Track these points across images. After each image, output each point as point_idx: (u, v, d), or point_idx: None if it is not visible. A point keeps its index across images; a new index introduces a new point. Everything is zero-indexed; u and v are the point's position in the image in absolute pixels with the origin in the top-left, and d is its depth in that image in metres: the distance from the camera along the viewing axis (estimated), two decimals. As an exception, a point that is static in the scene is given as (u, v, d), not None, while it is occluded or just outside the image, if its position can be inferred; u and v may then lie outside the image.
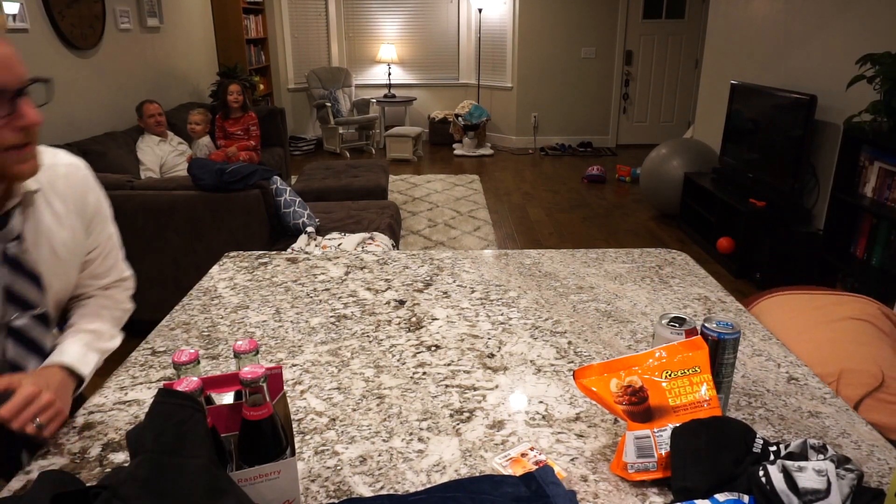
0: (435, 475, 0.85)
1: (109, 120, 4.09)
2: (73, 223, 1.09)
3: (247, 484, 0.70)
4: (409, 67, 7.89)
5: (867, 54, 2.84)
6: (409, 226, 4.68)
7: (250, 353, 0.74)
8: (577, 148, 7.50)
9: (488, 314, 1.33)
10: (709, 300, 1.40)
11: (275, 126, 5.35)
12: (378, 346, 1.20)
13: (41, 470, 0.85)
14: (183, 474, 0.61)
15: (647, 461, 0.81)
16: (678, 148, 4.78)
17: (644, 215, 5.07)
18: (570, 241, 4.44)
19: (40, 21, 3.45)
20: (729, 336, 0.90)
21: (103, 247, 1.17)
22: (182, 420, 0.63)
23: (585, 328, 1.27)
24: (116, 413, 1.00)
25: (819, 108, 3.46)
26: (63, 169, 1.08)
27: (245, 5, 6.37)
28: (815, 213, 3.73)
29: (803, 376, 1.09)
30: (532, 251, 1.69)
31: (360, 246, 2.93)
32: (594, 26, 7.24)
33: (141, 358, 1.17)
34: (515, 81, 7.42)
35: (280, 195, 3.15)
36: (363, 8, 7.69)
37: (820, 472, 0.71)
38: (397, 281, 1.51)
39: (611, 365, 0.89)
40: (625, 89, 7.54)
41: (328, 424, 0.96)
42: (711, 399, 0.85)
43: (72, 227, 1.08)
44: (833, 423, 0.96)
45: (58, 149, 1.11)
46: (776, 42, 4.15)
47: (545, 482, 0.77)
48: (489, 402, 1.01)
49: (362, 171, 4.45)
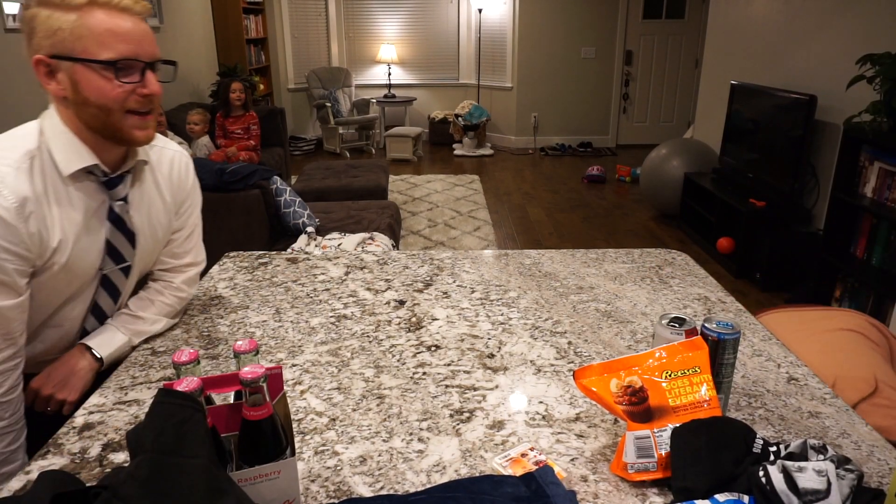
0: (435, 475, 0.85)
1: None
2: (169, 201, 1.23)
3: (247, 484, 0.70)
4: (409, 67, 7.89)
5: (867, 54, 2.84)
6: (409, 226, 4.68)
7: (250, 353, 0.74)
8: (577, 148, 7.50)
9: (488, 314, 1.33)
10: (709, 300, 1.40)
11: (275, 126, 5.35)
12: (378, 347, 1.20)
13: (41, 470, 0.85)
14: (183, 474, 0.61)
15: (647, 461, 0.81)
16: (678, 148, 4.78)
17: (644, 215, 5.07)
18: (570, 241, 4.44)
19: (40, 21, 3.45)
20: (729, 336, 0.90)
21: (188, 229, 1.30)
22: (182, 420, 0.63)
23: (585, 328, 1.27)
24: (116, 413, 1.00)
25: (819, 108, 3.46)
26: (171, 153, 1.24)
27: (245, 5, 6.37)
28: (815, 213, 3.73)
29: (803, 376, 1.09)
30: (532, 251, 1.69)
31: (360, 246, 2.93)
32: (594, 26, 7.24)
33: (141, 358, 1.17)
34: (515, 81, 7.42)
35: (280, 195, 3.15)
36: (363, 8, 7.69)
37: (820, 472, 0.71)
38: (397, 281, 1.51)
39: (611, 365, 0.89)
40: (625, 89, 7.54)
41: (328, 424, 0.96)
42: (711, 399, 0.85)
43: (167, 203, 1.23)
44: (833, 423, 0.96)
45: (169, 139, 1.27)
46: (776, 42, 4.15)
47: (545, 482, 0.77)
48: (489, 403, 1.01)
49: (362, 171, 4.45)
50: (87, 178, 1.05)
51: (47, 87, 0.99)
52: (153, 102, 1.03)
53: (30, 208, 0.97)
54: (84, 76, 0.96)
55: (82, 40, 0.94)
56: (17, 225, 0.95)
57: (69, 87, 0.98)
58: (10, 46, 3.20)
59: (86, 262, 1.09)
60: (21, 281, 1.00)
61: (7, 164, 0.96)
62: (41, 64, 0.97)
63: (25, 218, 0.97)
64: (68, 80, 0.97)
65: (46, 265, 1.03)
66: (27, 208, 0.97)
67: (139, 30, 0.98)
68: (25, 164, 0.98)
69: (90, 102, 0.98)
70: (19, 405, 1.05)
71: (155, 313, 1.23)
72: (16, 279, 0.98)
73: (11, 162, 0.96)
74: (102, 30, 0.94)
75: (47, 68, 0.97)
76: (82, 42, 0.94)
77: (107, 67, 0.96)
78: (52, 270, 1.04)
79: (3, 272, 0.97)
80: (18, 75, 3.26)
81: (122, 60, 0.96)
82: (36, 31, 0.96)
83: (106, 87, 0.97)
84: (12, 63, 3.21)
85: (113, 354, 1.16)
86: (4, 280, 0.97)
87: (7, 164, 0.96)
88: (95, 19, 0.94)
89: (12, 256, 0.97)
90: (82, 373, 1.13)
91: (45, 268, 1.03)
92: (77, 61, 0.95)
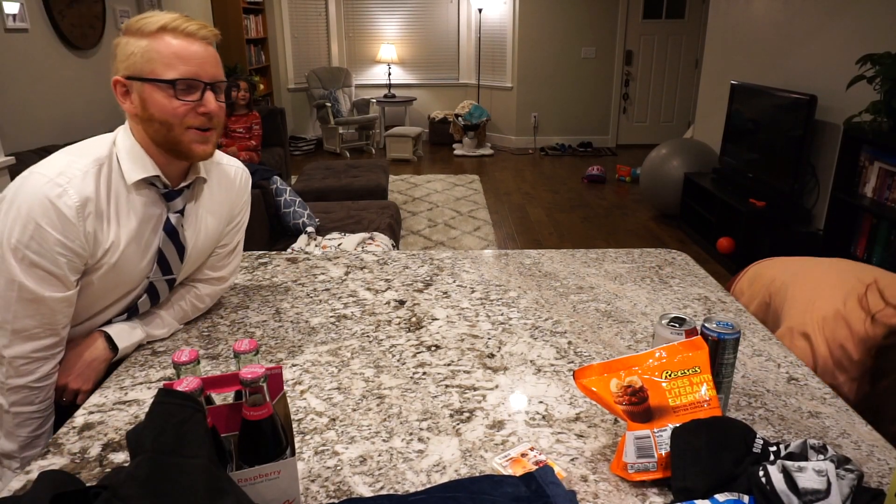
0: (435, 475, 0.85)
1: (109, 120, 4.09)
2: (220, 217, 1.29)
3: (247, 484, 0.70)
4: (409, 67, 7.89)
5: (867, 54, 2.84)
6: (409, 226, 4.68)
7: (250, 353, 0.74)
8: (577, 148, 7.51)
9: (488, 314, 1.33)
10: (709, 300, 1.40)
11: (275, 126, 5.35)
12: (378, 346, 1.20)
13: (41, 470, 0.85)
14: (183, 474, 0.61)
15: (647, 461, 0.81)
16: (678, 148, 4.78)
17: (644, 215, 5.07)
18: (570, 241, 4.44)
19: (40, 21, 3.45)
20: (729, 336, 0.90)
21: (231, 245, 1.35)
22: (182, 420, 0.63)
23: (585, 328, 1.27)
24: (116, 413, 1.00)
25: (819, 108, 3.46)
26: (231, 170, 1.31)
27: (245, 5, 6.38)
28: (815, 213, 3.73)
29: (803, 376, 1.09)
30: (532, 251, 1.69)
31: (360, 246, 2.93)
32: (594, 26, 7.24)
33: (141, 358, 1.17)
34: (515, 81, 7.42)
35: (280, 195, 3.15)
36: (363, 8, 7.69)
37: (820, 472, 0.71)
38: (397, 281, 1.51)
39: (611, 365, 0.89)
40: (625, 89, 7.54)
41: (328, 424, 0.96)
42: (711, 399, 0.85)
43: (218, 219, 1.28)
44: (833, 423, 0.96)
45: (231, 157, 1.35)
46: (776, 42, 4.15)
47: (545, 482, 0.77)
48: (489, 402, 1.01)
49: (362, 171, 4.45)
50: (149, 188, 1.14)
51: (123, 105, 1.09)
52: (212, 121, 1.11)
53: (90, 209, 1.05)
54: (150, 94, 1.06)
55: (151, 62, 1.05)
56: (76, 223, 1.03)
57: (139, 104, 1.08)
58: (11, 46, 3.20)
59: (135, 268, 1.15)
60: (72, 276, 1.07)
61: (77, 168, 1.05)
62: (118, 84, 1.08)
63: (84, 217, 1.04)
64: (139, 98, 1.07)
65: (97, 265, 1.10)
66: (87, 208, 1.05)
67: (202, 53, 1.08)
68: (93, 169, 1.07)
69: (155, 118, 1.07)
70: (50, 392, 1.11)
71: (172, 316, 1.26)
72: (67, 273, 1.05)
73: (81, 166, 1.06)
74: (168, 53, 1.05)
75: (123, 88, 1.08)
76: (151, 64, 1.05)
77: (168, 86, 1.06)
78: (101, 271, 1.11)
79: (56, 265, 1.03)
80: (18, 75, 3.26)
81: (182, 80, 1.06)
82: (116, 56, 1.08)
83: (167, 104, 1.06)
84: (12, 63, 3.21)
85: (129, 349, 1.19)
86: (56, 273, 1.04)
87: (77, 167, 1.05)
88: (163, 43, 1.05)
89: (67, 251, 1.04)
90: (96, 363, 1.15)
91: (96, 268, 1.10)
92: (146, 81, 1.06)
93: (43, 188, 1.00)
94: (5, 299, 1.02)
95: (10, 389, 1.05)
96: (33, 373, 1.07)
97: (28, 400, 1.07)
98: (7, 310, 1.03)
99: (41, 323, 1.05)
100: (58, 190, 1.01)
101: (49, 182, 1.01)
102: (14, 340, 1.04)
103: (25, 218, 0.99)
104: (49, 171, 1.03)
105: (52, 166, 1.04)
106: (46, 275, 1.03)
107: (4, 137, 2.82)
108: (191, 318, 1.31)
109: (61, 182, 1.02)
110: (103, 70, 4.09)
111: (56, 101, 3.60)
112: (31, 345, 1.05)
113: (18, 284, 1.01)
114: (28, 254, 1.00)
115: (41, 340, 1.06)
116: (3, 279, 1.02)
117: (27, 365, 1.06)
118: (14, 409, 1.06)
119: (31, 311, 1.04)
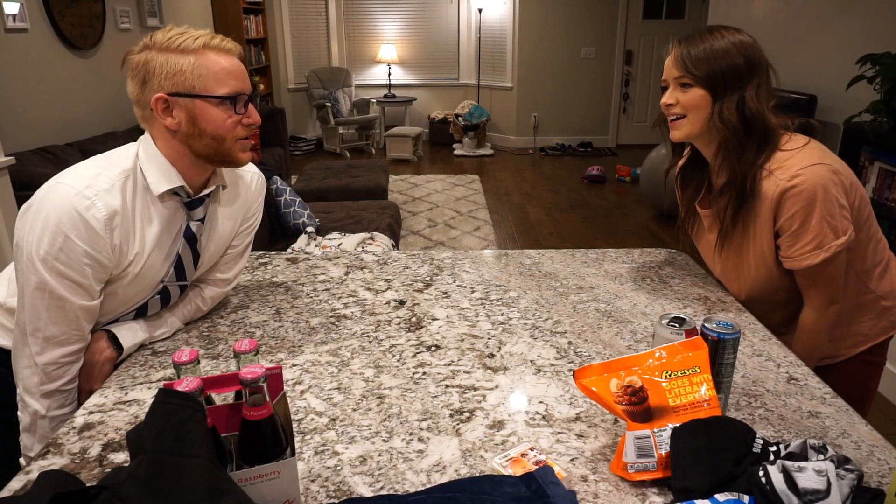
0: (435, 475, 0.85)
1: (109, 120, 4.09)
2: (234, 221, 1.31)
3: (247, 484, 0.70)
4: (409, 67, 7.89)
5: (867, 54, 2.84)
6: (409, 226, 4.68)
7: (250, 353, 0.74)
8: (577, 148, 7.50)
9: (488, 314, 1.33)
10: (709, 300, 1.40)
11: (275, 126, 5.35)
12: (378, 346, 1.20)
13: (41, 470, 0.85)
14: (183, 474, 0.61)
15: (647, 461, 0.81)
16: (678, 148, 4.77)
17: (644, 215, 5.07)
18: (570, 241, 4.44)
19: (40, 21, 3.45)
20: (729, 336, 0.90)
21: (240, 248, 1.36)
22: (182, 420, 0.63)
23: (585, 328, 1.27)
24: (116, 413, 1.00)
25: (819, 108, 3.46)
26: (248, 176, 1.33)
27: (245, 5, 6.37)
28: (815, 213, 3.72)
29: (803, 376, 1.09)
30: (532, 251, 1.69)
31: (360, 246, 2.93)
32: (594, 26, 7.24)
33: (141, 358, 1.17)
34: (515, 81, 7.42)
35: (280, 195, 3.15)
36: (363, 8, 7.69)
37: (820, 472, 0.71)
38: (397, 281, 1.51)
39: (611, 365, 0.89)
40: (625, 89, 7.54)
41: (328, 424, 0.96)
42: (711, 399, 0.85)
43: (232, 223, 1.30)
44: (833, 423, 0.96)
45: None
46: (776, 42, 4.15)
47: (545, 482, 0.77)
48: (489, 402, 1.01)
49: (362, 171, 4.45)
50: (173, 198, 1.16)
51: (163, 122, 1.09)
52: (253, 129, 1.17)
53: (117, 221, 1.07)
54: (203, 110, 1.08)
55: (203, 79, 1.07)
56: (103, 235, 1.05)
57: (185, 120, 1.09)
58: (11, 46, 3.20)
59: (156, 275, 1.18)
60: (97, 286, 1.09)
61: (105, 180, 1.06)
62: (160, 101, 1.07)
63: (112, 229, 1.06)
64: (185, 114, 1.08)
65: (121, 274, 1.12)
66: (115, 221, 1.07)
67: (242, 68, 1.13)
68: (120, 181, 1.08)
69: (206, 133, 1.10)
70: (75, 393, 1.14)
71: (176, 317, 1.27)
72: (93, 284, 1.08)
73: (109, 179, 1.07)
74: (218, 69, 1.08)
75: (165, 104, 1.08)
76: (203, 80, 1.07)
77: (223, 101, 1.09)
78: (125, 280, 1.13)
79: (83, 276, 1.05)
80: (18, 75, 3.26)
81: (240, 95, 1.11)
82: (155, 74, 1.07)
83: (222, 118, 1.10)
84: (12, 63, 3.21)
85: (132, 349, 1.19)
86: (83, 283, 1.06)
87: (105, 180, 1.07)
88: (210, 60, 1.08)
89: (94, 262, 1.06)
90: (103, 362, 1.17)
91: (119, 277, 1.12)
92: (197, 97, 1.08)
93: (72, 200, 1.01)
94: (36, 308, 1.04)
95: (44, 395, 1.08)
96: (63, 376, 1.10)
97: (60, 403, 1.11)
98: (38, 318, 1.05)
99: (69, 329, 1.08)
100: (86, 202, 1.02)
101: (77, 194, 1.02)
102: (46, 347, 1.07)
103: (54, 230, 1.01)
104: (76, 182, 1.04)
105: (79, 178, 1.05)
106: (73, 284, 1.05)
107: (4, 137, 2.82)
108: (188, 321, 1.31)
109: (89, 195, 1.03)
110: (103, 70, 4.09)
111: (56, 101, 3.60)
112: (61, 350, 1.08)
113: (49, 292, 1.03)
114: (57, 264, 1.02)
115: (70, 346, 1.09)
116: (33, 287, 1.03)
117: (58, 370, 1.09)
118: (51, 414, 1.09)
119: (61, 317, 1.06)
